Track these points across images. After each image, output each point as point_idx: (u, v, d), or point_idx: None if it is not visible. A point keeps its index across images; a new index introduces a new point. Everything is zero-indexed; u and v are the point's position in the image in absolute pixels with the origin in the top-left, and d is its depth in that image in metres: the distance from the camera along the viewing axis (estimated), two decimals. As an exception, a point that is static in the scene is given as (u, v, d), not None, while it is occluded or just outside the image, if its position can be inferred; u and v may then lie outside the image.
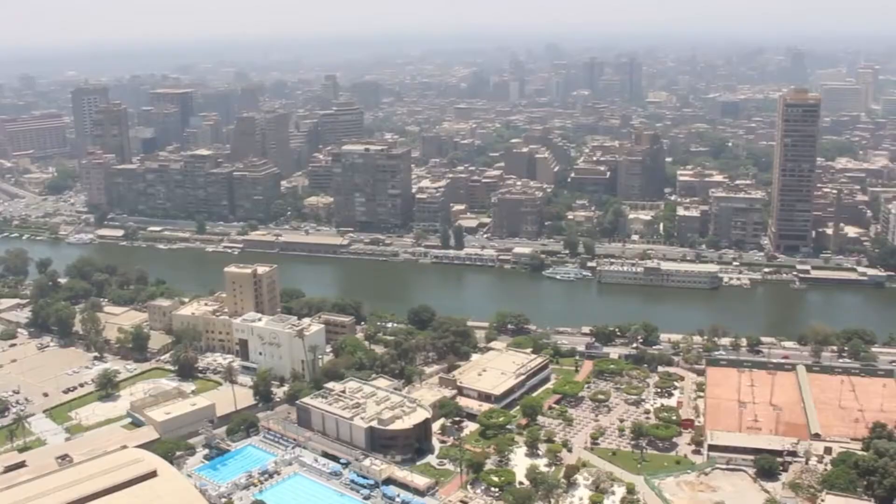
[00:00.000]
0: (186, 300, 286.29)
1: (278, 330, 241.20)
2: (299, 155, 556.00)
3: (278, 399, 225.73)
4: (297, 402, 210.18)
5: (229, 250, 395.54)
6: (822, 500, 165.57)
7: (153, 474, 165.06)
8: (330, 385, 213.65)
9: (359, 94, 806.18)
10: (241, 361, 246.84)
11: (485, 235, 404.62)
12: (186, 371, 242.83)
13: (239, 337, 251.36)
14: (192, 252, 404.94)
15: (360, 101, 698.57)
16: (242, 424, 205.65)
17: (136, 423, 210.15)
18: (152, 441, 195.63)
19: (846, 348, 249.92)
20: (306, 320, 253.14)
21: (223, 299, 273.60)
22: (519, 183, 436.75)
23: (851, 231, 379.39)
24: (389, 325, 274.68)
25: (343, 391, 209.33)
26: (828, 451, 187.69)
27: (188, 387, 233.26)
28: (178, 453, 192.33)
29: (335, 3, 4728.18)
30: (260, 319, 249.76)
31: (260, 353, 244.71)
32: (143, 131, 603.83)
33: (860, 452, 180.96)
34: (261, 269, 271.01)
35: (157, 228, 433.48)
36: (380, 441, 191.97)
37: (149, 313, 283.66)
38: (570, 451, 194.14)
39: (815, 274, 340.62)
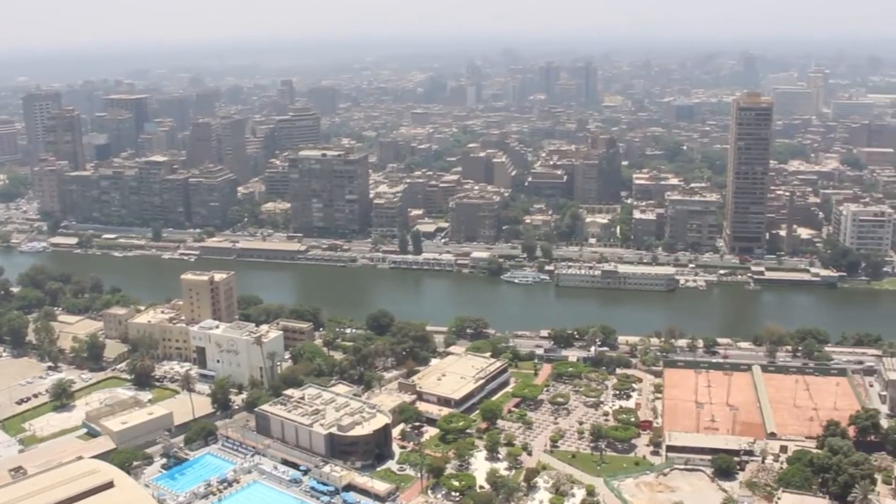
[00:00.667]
0: (142, 308, 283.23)
1: (236, 337, 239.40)
2: (256, 161, 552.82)
3: (237, 407, 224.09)
4: (256, 409, 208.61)
5: (186, 257, 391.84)
6: (779, 499, 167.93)
7: (109, 485, 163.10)
8: (289, 392, 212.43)
9: (315, 100, 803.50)
10: (199, 369, 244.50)
11: (443, 240, 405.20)
12: (143, 380, 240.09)
13: (196, 345, 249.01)
14: (147, 259, 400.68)
15: (316, 107, 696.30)
16: (201, 433, 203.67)
17: (92, 434, 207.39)
18: (109, 451, 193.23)
19: (800, 348, 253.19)
20: (264, 327, 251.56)
21: (180, 307, 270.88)
22: (476, 187, 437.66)
23: (804, 232, 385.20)
24: (348, 330, 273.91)
25: (302, 398, 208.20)
26: (783, 449, 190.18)
27: (145, 396, 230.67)
28: (135, 463, 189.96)
29: (292, 9, 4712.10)
30: (217, 327, 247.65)
31: (218, 361, 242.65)
32: (97, 138, 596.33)
33: (815, 450, 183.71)
34: (218, 276, 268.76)
35: (112, 236, 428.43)
36: (339, 447, 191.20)
37: (104, 322, 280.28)
38: (529, 454, 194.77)
39: (769, 275, 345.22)
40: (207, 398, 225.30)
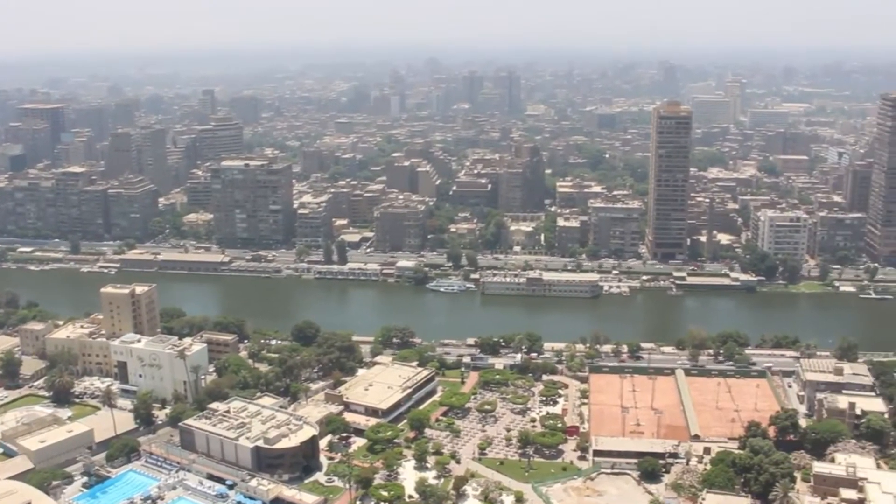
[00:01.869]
0: (61, 323, 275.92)
1: (158, 351, 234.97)
2: (177, 171, 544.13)
3: (160, 422, 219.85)
4: (180, 424, 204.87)
5: (105, 270, 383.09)
6: (703, 499, 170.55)
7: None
8: (214, 405, 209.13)
9: (238, 109, 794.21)
10: (121, 384, 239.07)
11: (368, 250, 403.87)
12: (62, 397, 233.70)
13: (117, 359, 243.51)
14: (65, 273, 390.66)
15: (239, 116, 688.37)
16: (123, 450, 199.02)
17: (8, 454, 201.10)
18: (26, 471, 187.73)
19: (721, 351, 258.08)
20: (188, 340, 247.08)
21: (100, 321, 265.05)
22: (401, 197, 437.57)
23: (724, 238, 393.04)
24: (273, 342, 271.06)
25: (227, 411, 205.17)
26: (707, 451, 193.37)
27: (64, 413, 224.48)
28: (54, 483, 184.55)
29: (212, 18, 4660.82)
30: (139, 340, 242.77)
31: (140, 376, 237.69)
32: (11, 148, 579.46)
33: (737, 451, 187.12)
34: (139, 289, 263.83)
35: (28, 249, 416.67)
36: (266, 460, 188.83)
37: (20, 338, 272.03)
38: (458, 462, 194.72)
39: (690, 280, 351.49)
40: (130, 414, 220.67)
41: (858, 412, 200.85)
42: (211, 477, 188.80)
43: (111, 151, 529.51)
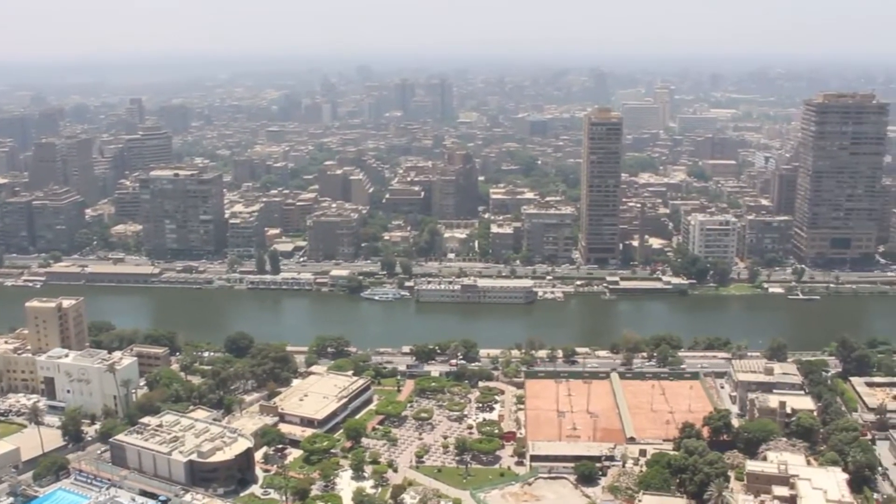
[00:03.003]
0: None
1: (87, 365, 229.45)
2: (104, 182, 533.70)
3: (90, 438, 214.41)
4: (111, 439, 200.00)
5: (31, 284, 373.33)
6: (640, 501, 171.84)
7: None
8: (145, 420, 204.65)
9: (166, 118, 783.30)
10: (48, 401, 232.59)
11: (301, 259, 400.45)
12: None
13: (44, 375, 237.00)
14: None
15: (167, 126, 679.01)
16: (51, 468, 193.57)
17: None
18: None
19: (655, 354, 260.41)
20: (117, 354, 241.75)
21: (25, 336, 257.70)
22: (334, 205, 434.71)
23: (655, 242, 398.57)
24: (206, 354, 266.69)
25: (159, 425, 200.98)
26: (642, 453, 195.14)
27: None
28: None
29: (139, 25, 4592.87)
30: (67, 355, 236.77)
31: (68, 391, 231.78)
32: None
33: (672, 452, 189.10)
34: (66, 303, 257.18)
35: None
36: (200, 474, 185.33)
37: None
38: (395, 471, 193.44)
39: (623, 284, 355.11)
40: (58, 431, 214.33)
41: (789, 411, 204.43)
42: (143, 493, 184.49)
43: (35, 162, 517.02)
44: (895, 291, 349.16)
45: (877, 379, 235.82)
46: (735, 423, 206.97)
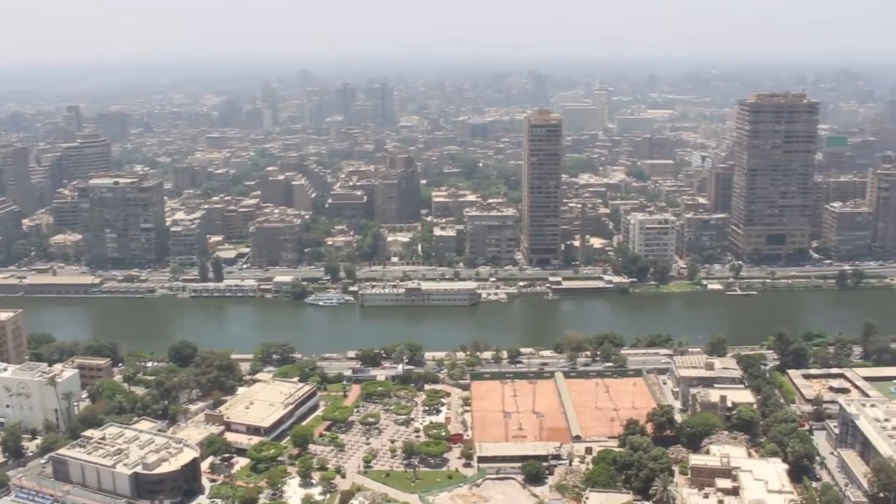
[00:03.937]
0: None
1: (27, 379, 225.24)
2: (42, 191, 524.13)
3: (31, 453, 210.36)
4: (53, 454, 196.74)
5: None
6: (587, 498, 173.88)
7: None
8: (88, 433, 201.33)
9: (105, 126, 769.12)
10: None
11: (244, 266, 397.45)
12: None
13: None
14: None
15: (106, 133, 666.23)
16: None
17: None
18: None
19: (598, 352, 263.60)
20: (58, 366, 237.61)
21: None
22: (276, 211, 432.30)
23: (596, 242, 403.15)
24: (149, 364, 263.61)
25: (103, 438, 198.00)
26: (588, 451, 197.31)
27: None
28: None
29: (75, 31, 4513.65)
30: (6, 369, 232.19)
31: (7, 406, 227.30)
32: None
33: (617, 449, 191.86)
34: (3, 315, 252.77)
35: None
36: (146, 486, 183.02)
37: None
38: (343, 476, 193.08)
39: (566, 284, 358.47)
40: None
41: (729, 404, 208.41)
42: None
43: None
44: (829, 286, 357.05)
45: (813, 371, 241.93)
46: (678, 418, 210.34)
